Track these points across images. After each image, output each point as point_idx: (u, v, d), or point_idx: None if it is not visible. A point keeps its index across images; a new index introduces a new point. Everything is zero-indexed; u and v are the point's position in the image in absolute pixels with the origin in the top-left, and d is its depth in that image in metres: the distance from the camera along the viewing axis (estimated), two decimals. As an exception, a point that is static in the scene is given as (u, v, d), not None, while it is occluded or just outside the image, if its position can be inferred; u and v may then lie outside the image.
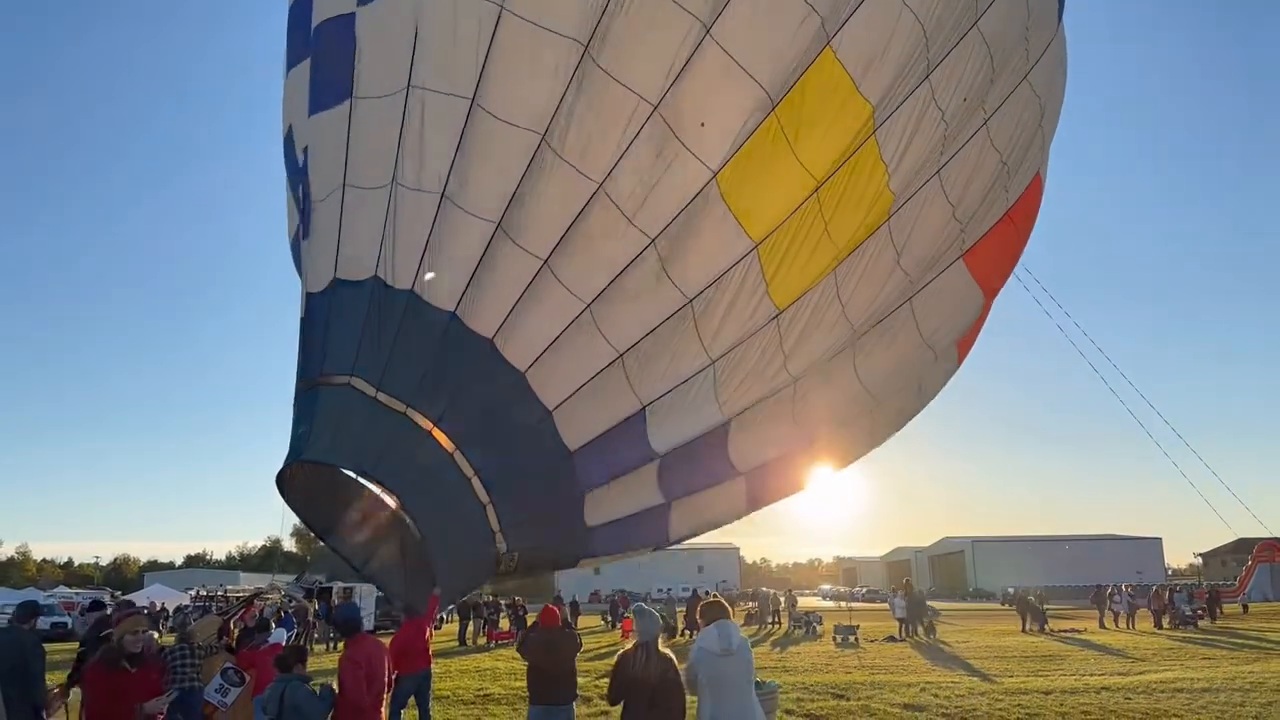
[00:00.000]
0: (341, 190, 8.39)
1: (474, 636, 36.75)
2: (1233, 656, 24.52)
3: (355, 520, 9.17)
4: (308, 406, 8.29)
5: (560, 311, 8.30)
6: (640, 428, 8.97)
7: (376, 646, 9.61)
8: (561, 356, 8.37)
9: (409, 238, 8.19)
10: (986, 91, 9.58)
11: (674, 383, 9.08)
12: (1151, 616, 40.00)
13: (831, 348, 9.87)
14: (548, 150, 7.89)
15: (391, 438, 7.97)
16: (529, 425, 8.45)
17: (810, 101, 8.24)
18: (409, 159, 8.10)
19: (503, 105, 7.85)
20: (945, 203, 9.77)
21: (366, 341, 8.17)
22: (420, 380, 8.05)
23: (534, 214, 8.09)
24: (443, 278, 8.07)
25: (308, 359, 8.54)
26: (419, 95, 7.97)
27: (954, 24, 8.83)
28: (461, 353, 8.17)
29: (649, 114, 7.87)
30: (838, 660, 25.63)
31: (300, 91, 9.06)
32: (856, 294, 9.66)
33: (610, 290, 8.34)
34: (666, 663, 7.56)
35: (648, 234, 8.16)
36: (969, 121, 9.51)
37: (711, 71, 7.85)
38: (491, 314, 8.16)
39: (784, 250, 8.76)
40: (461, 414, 8.11)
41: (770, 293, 8.91)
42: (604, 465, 9.03)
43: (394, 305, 8.17)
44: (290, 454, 8.21)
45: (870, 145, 8.74)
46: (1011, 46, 9.59)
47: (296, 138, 9.28)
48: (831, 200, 8.75)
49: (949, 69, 8.94)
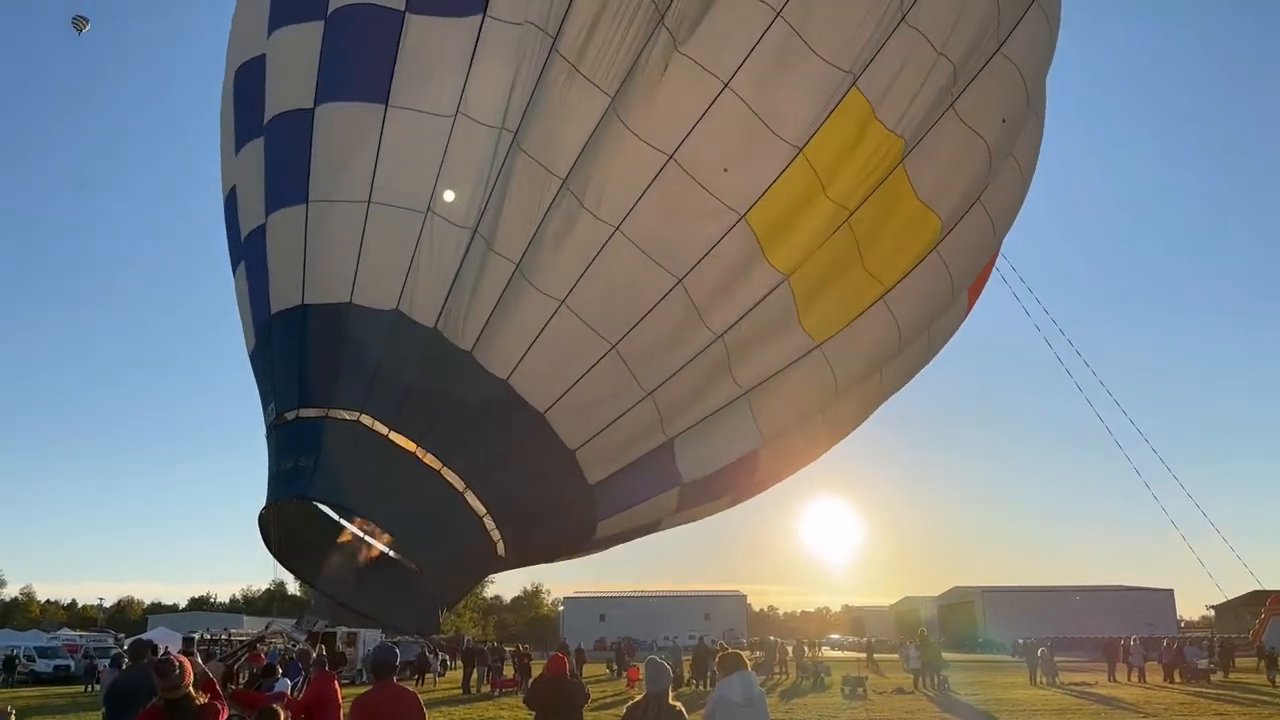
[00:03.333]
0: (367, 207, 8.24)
1: (478, 684, 36.29)
2: (1245, 713, 24.11)
3: (343, 555, 9.02)
4: (306, 438, 8.03)
5: (582, 349, 8.17)
6: (669, 457, 8.96)
7: (391, 698, 9.45)
8: (584, 393, 8.24)
9: (434, 271, 8.06)
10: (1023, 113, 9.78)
11: (705, 414, 8.98)
12: (1163, 670, 39.41)
13: (880, 359, 9.96)
14: (569, 195, 7.95)
15: (402, 478, 7.86)
16: (548, 465, 8.38)
17: (834, 139, 8.31)
18: (440, 192, 8.07)
19: (536, 147, 7.93)
20: (988, 221, 10.00)
21: (381, 376, 8.02)
22: (433, 418, 7.96)
23: (553, 256, 8.04)
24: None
25: (302, 383, 8.20)
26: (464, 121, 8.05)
27: (979, 53, 8.98)
28: (478, 393, 8.06)
29: (663, 163, 7.95)
30: (845, 712, 25.25)
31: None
32: (909, 317, 9.79)
33: (638, 330, 8.25)
34: (676, 715, 7.52)
35: (674, 274, 8.14)
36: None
37: (731, 120, 7.96)
38: (508, 353, 8.11)
39: (817, 280, 8.77)
40: (474, 453, 8.03)
41: (803, 324, 8.91)
42: (626, 494, 8.99)
43: (414, 340, 8.03)
44: (287, 486, 7.93)
45: (899, 174, 8.81)
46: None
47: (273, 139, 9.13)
48: (864, 230, 8.82)
49: (973, 95, 9.10)
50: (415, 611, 8.49)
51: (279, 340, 8.48)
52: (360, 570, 8.88)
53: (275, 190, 8.64)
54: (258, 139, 8.89)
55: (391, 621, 9.30)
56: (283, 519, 8.24)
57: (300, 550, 8.64)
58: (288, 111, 8.56)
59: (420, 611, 8.38)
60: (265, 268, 8.64)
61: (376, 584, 8.82)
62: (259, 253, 8.74)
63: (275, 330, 8.54)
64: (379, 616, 9.36)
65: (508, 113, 7.93)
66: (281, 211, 8.54)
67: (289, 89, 8.62)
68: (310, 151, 8.32)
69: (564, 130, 7.93)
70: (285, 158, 8.55)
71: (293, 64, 8.60)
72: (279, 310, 8.54)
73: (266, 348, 8.66)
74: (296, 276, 8.42)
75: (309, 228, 8.34)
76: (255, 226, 8.87)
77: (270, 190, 8.69)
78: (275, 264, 8.56)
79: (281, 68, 8.80)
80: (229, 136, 9.57)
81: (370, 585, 8.82)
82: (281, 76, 8.78)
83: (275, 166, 8.67)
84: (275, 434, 8.27)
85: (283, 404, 8.27)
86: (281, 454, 8.11)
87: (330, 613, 9.13)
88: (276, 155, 8.64)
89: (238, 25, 9.97)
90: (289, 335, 8.39)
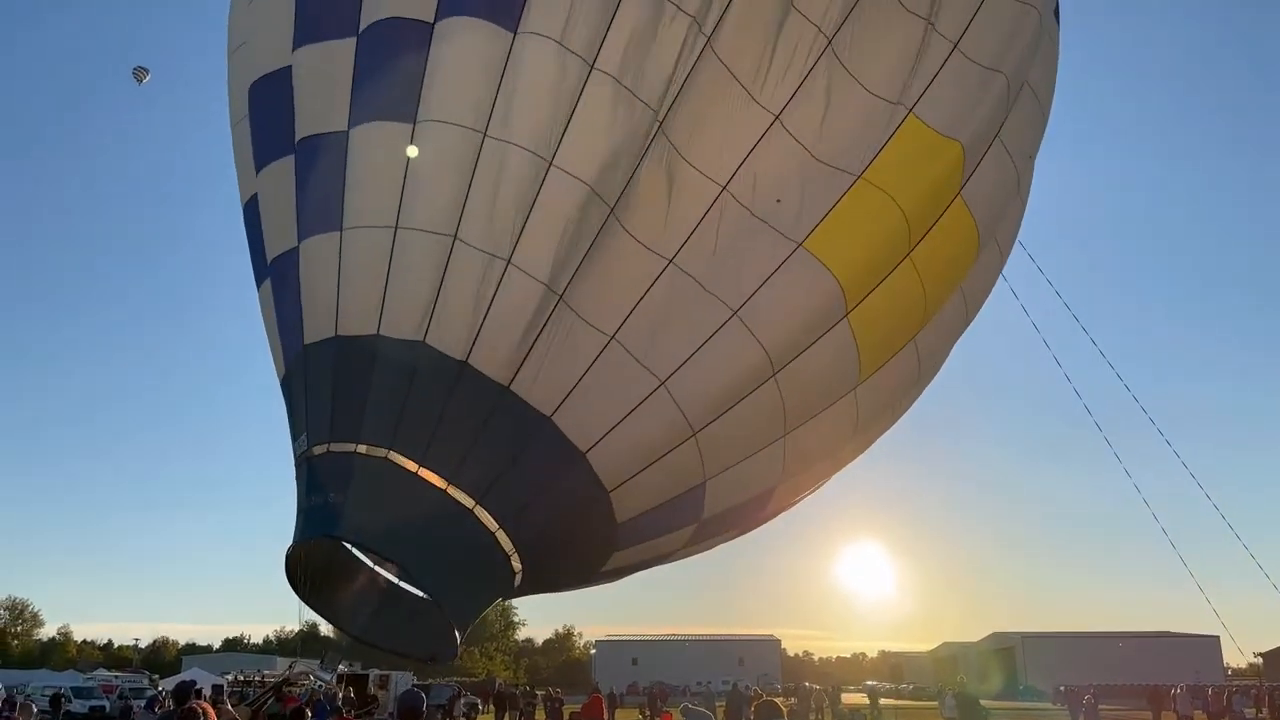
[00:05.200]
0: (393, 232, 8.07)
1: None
2: (1298, 764, 23.28)
3: (361, 586, 8.89)
4: (336, 474, 7.88)
5: (630, 387, 7.90)
6: (699, 496, 8.77)
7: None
8: (628, 433, 7.97)
9: (459, 298, 7.85)
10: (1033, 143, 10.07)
11: (746, 455, 8.76)
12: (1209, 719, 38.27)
13: (896, 396, 9.97)
14: (615, 222, 7.75)
15: (431, 518, 7.65)
16: (581, 504, 8.17)
17: (898, 158, 8.23)
18: (470, 216, 7.86)
19: (570, 160, 7.72)
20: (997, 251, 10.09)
21: (410, 411, 7.82)
22: (465, 455, 7.73)
23: (601, 287, 7.80)
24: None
25: (334, 417, 8.05)
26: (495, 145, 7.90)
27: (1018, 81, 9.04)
28: (514, 429, 7.81)
29: (717, 194, 7.84)
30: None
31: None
32: (936, 350, 9.80)
33: (689, 365, 7.96)
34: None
35: (730, 305, 7.90)
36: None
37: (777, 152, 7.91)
38: (551, 388, 7.83)
39: (878, 310, 8.59)
40: (508, 493, 7.80)
41: (860, 361, 8.73)
42: (647, 531, 8.84)
43: (443, 372, 7.81)
44: (316, 525, 7.80)
45: (959, 203, 8.79)
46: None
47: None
48: (926, 261, 8.74)
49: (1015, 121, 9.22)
50: (431, 640, 8.35)
51: (312, 372, 8.34)
52: (377, 600, 8.81)
53: (308, 215, 8.47)
54: (286, 158, 8.73)
55: (407, 651, 9.10)
56: (310, 556, 8.20)
57: (322, 584, 8.55)
58: (320, 134, 8.41)
59: (437, 639, 8.23)
60: (298, 295, 8.47)
61: (393, 614, 8.73)
62: (291, 279, 8.60)
63: (310, 362, 8.40)
64: (395, 647, 9.19)
65: (543, 133, 7.72)
66: (315, 239, 8.37)
67: (321, 109, 8.45)
68: (344, 176, 8.14)
69: (606, 149, 7.73)
70: (317, 182, 8.40)
71: (324, 82, 8.43)
72: (312, 342, 8.41)
73: (299, 379, 8.51)
74: (330, 307, 8.27)
75: (342, 255, 8.16)
76: (286, 249, 8.70)
77: (303, 214, 8.51)
78: (309, 293, 8.41)
79: (312, 85, 8.60)
80: (246, 148, 9.38)
81: (386, 615, 8.73)
82: (312, 95, 8.58)
83: (307, 190, 8.51)
84: (305, 467, 8.14)
85: (314, 437, 8.14)
86: (311, 489, 7.98)
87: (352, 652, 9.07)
88: (308, 178, 8.48)
89: (244, 29, 9.73)
90: (321, 368, 8.26)
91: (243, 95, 9.48)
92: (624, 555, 9.01)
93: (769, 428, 8.65)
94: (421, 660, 9.03)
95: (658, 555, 9.48)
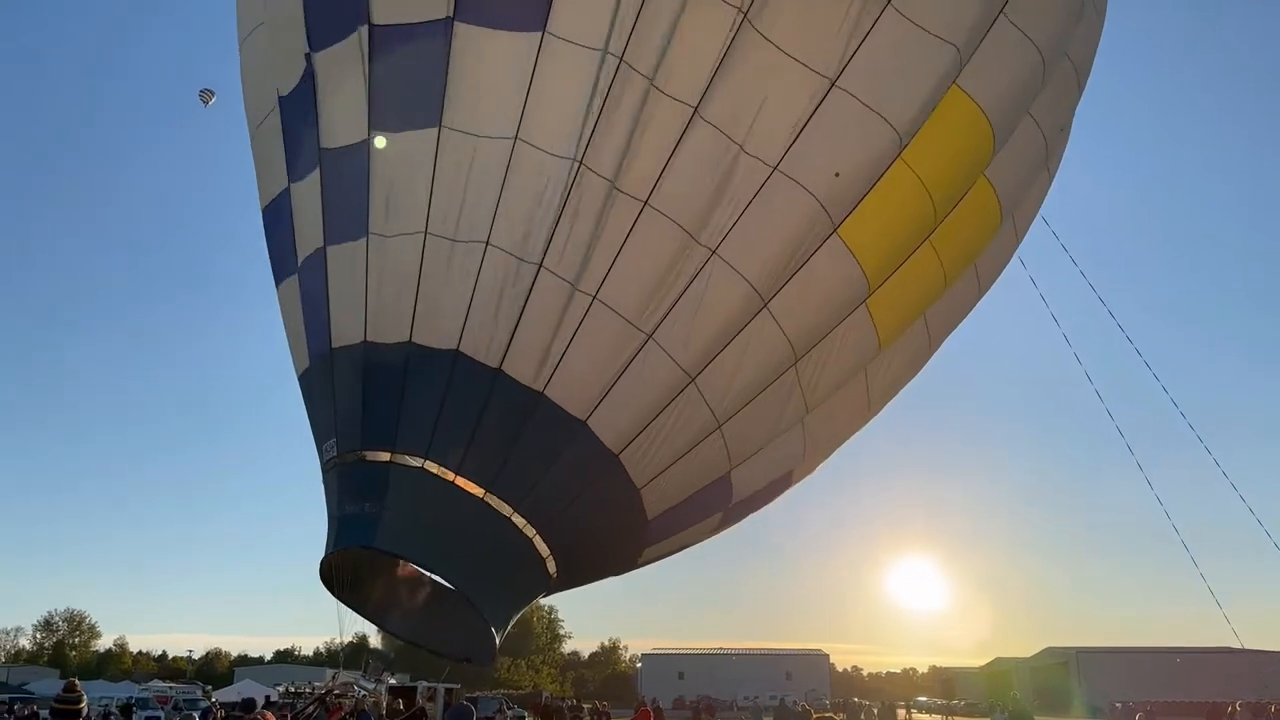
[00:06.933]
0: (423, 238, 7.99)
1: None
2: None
3: (401, 590, 8.96)
4: (370, 484, 7.82)
5: (661, 386, 7.85)
6: (726, 486, 8.85)
7: None
8: (659, 430, 7.97)
9: (493, 305, 7.75)
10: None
11: (768, 440, 8.87)
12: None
13: (906, 377, 10.05)
14: (648, 208, 7.69)
15: (470, 526, 7.63)
16: (613, 503, 8.21)
17: (937, 135, 8.22)
18: (501, 221, 7.79)
19: (598, 160, 7.67)
20: (1013, 231, 10.19)
21: (445, 420, 7.77)
22: (502, 463, 7.69)
23: (637, 287, 7.73)
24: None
25: (365, 424, 7.99)
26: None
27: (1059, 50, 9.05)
28: (549, 434, 7.76)
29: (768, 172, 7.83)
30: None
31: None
32: (946, 324, 9.91)
33: (718, 360, 7.91)
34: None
35: (763, 294, 7.90)
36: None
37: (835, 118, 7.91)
38: (586, 392, 7.78)
39: (896, 295, 8.69)
40: (544, 497, 7.76)
41: (879, 337, 8.81)
42: (677, 523, 8.92)
43: (478, 380, 7.75)
44: (353, 535, 7.78)
45: (983, 181, 8.82)
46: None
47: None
48: (946, 240, 8.80)
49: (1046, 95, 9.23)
50: (469, 641, 8.37)
51: (340, 376, 8.29)
52: (415, 600, 8.90)
53: (335, 222, 8.44)
54: (313, 172, 8.70)
55: (444, 651, 9.11)
56: (345, 562, 8.24)
57: (358, 582, 8.59)
58: (343, 146, 8.40)
59: (474, 641, 8.23)
60: (325, 297, 8.42)
61: (431, 614, 8.79)
62: (317, 281, 8.55)
63: (337, 365, 8.35)
64: (432, 646, 9.21)
65: (574, 135, 7.63)
66: (343, 245, 8.35)
67: (342, 119, 8.42)
68: (369, 183, 8.10)
69: (642, 148, 7.66)
70: (343, 190, 8.39)
71: (344, 92, 8.42)
72: (340, 345, 8.36)
73: (325, 380, 8.46)
74: (359, 312, 8.22)
75: (369, 262, 8.12)
76: (313, 250, 8.66)
77: (329, 221, 8.48)
78: (336, 296, 8.38)
79: (333, 95, 8.57)
80: (270, 156, 9.32)
81: (424, 615, 8.80)
82: (334, 105, 8.56)
83: (333, 198, 8.51)
84: (336, 472, 8.11)
85: (345, 443, 8.09)
86: (344, 497, 7.95)
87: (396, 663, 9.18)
88: (334, 187, 8.47)
89: (253, 18, 9.72)
90: (350, 372, 8.19)
91: (263, 96, 9.41)
92: (656, 549, 9.12)
93: (790, 413, 8.73)
94: (457, 660, 9.05)
95: (688, 544, 9.67)
